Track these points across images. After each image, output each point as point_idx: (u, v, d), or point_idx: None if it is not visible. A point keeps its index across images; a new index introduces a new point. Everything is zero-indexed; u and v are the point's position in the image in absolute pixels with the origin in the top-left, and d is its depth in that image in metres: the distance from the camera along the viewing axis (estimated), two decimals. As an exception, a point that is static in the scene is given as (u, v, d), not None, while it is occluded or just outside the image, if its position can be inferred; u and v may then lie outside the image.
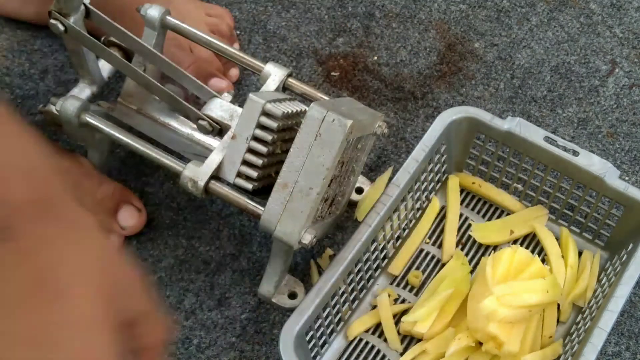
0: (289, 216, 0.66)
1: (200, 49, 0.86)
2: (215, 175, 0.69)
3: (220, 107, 0.72)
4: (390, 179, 0.82)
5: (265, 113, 0.67)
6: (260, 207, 0.68)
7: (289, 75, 0.75)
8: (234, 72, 0.90)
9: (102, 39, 0.74)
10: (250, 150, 0.68)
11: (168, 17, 0.75)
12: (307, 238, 0.67)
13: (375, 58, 0.94)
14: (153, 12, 0.75)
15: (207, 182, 0.69)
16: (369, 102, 0.91)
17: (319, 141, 0.65)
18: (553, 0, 0.98)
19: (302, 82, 0.75)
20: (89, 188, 0.78)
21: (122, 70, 0.74)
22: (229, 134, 0.69)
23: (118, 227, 0.79)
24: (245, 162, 0.69)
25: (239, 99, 0.90)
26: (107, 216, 0.78)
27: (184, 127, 0.78)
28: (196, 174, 0.69)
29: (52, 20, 0.73)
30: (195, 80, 0.74)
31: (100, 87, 0.78)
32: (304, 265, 0.80)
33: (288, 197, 0.66)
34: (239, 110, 0.71)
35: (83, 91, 0.76)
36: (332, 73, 0.93)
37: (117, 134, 0.72)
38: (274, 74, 0.75)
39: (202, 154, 0.76)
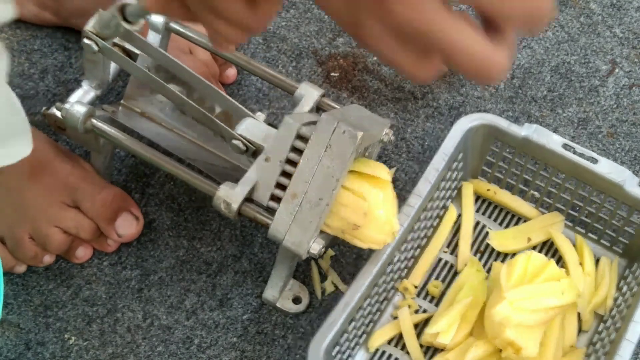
0: (298, 226, 0.66)
1: (200, 52, 0.86)
2: (248, 197, 0.69)
3: (254, 128, 0.71)
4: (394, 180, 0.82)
5: (300, 136, 0.66)
6: (269, 217, 0.68)
7: (323, 95, 0.75)
8: (232, 72, 0.90)
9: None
10: (284, 173, 0.68)
11: (172, 21, 0.75)
12: (316, 248, 0.67)
13: (375, 58, 0.94)
14: (157, 16, 0.74)
15: (241, 205, 0.68)
16: (369, 102, 0.91)
17: (329, 152, 0.65)
18: (553, 0, 0.98)
19: (335, 102, 0.75)
20: (89, 192, 0.78)
21: (154, 86, 0.73)
22: (262, 156, 0.68)
23: (115, 234, 0.79)
24: (278, 185, 0.68)
25: (238, 100, 0.90)
26: (105, 222, 0.78)
27: (189, 131, 0.77)
28: (230, 195, 0.68)
29: (85, 40, 0.71)
30: (228, 98, 0.74)
31: (104, 90, 0.78)
32: (304, 267, 0.81)
33: (297, 208, 0.66)
34: (273, 130, 0.70)
35: (88, 95, 0.76)
36: (332, 73, 0.93)
37: (131, 146, 0.72)
38: (308, 94, 0.74)
39: (206, 158, 0.76)
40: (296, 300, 0.77)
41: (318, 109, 0.75)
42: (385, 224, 0.68)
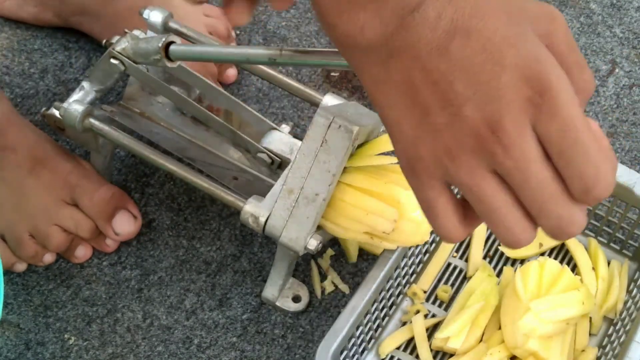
0: (295, 222, 0.66)
1: None
2: None
3: (280, 140, 0.71)
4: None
5: None
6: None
7: None
8: (232, 72, 0.89)
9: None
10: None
11: (171, 21, 0.75)
12: (313, 244, 0.67)
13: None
14: (156, 15, 0.74)
15: (268, 218, 0.68)
16: (369, 102, 0.91)
17: (325, 147, 0.65)
18: (553, 1, 0.98)
19: None
20: (88, 190, 0.78)
21: (180, 104, 0.75)
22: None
23: (112, 232, 0.79)
24: None
25: (239, 98, 0.89)
26: (103, 220, 0.78)
27: (189, 130, 0.78)
28: (258, 210, 0.68)
29: (113, 61, 0.72)
30: (254, 112, 0.74)
31: (105, 92, 0.78)
32: (304, 266, 0.80)
33: (294, 204, 0.66)
34: (298, 143, 0.70)
35: (87, 95, 0.76)
36: (332, 73, 0.93)
37: (129, 144, 0.73)
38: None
39: (206, 158, 0.76)
40: (296, 299, 0.77)
41: None
42: (421, 225, 0.67)
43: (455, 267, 0.80)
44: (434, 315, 0.78)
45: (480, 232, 0.81)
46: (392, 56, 0.43)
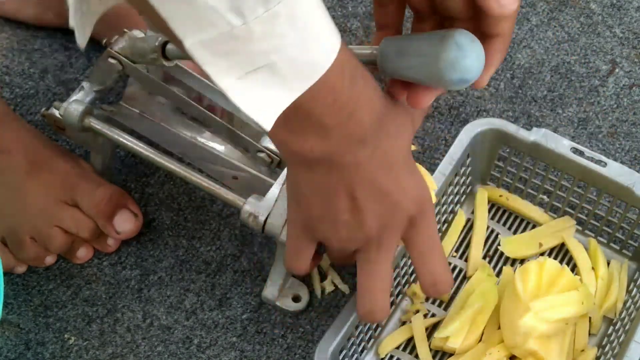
0: None
1: None
2: None
3: None
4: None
5: None
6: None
7: None
8: None
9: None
10: None
11: None
12: None
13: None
14: None
15: (267, 217, 0.68)
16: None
17: None
18: (553, 0, 0.98)
19: None
20: (86, 190, 0.77)
21: (179, 104, 0.76)
22: (285, 171, 0.67)
23: (113, 231, 0.79)
24: None
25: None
26: (103, 219, 0.78)
27: (188, 130, 0.78)
28: (257, 208, 0.68)
29: (110, 60, 0.72)
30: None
31: (105, 92, 0.78)
32: (304, 266, 0.81)
33: None
34: None
35: (87, 95, 0.76)
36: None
37: (129, 143, 0.72)
38: None
39: (206, 158, 0.76)
40: (296, 298, 0.77)
41: None
42: None
43: (454, 267, 0.80)
44: (433, 315, 0.78)
45: (480, 232, 0.81)
46: (332, 168, 0.55)
